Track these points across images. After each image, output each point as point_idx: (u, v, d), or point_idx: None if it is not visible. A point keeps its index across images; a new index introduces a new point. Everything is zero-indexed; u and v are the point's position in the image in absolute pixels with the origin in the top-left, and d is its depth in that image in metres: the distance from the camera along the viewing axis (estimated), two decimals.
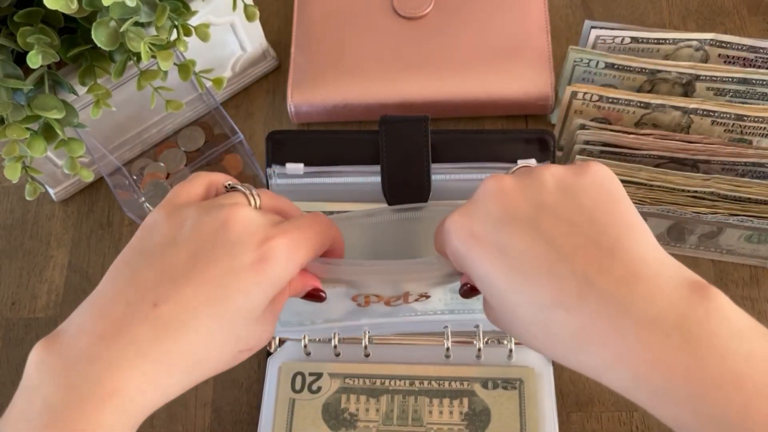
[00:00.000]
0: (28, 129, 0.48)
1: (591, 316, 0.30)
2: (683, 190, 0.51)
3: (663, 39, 0.55)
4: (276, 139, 0.52)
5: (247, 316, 0.35)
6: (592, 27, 0.55)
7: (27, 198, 0.51)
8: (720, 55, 0.56)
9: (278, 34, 0.68)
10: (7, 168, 0.49)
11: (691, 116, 0.54)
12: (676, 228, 0.53)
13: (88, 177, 0.53)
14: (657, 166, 0.53)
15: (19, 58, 0.48)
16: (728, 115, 0.53)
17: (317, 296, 0.41)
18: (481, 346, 0.49)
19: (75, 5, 0.44)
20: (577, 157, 0.53)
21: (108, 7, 0.45)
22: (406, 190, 0.49)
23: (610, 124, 0.55)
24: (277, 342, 0.53)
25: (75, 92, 0.51)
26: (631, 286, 0.30)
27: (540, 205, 0.33)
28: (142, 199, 0.58)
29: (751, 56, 0.55)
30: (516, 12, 0.63)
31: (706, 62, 0.56)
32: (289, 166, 0.51)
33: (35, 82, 0.48)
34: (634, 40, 0.56)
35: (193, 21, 0.52)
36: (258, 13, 0.55)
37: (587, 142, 0.54)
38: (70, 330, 0.33)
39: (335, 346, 0.51)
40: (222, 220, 0.35)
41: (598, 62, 0.55)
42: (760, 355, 0.28)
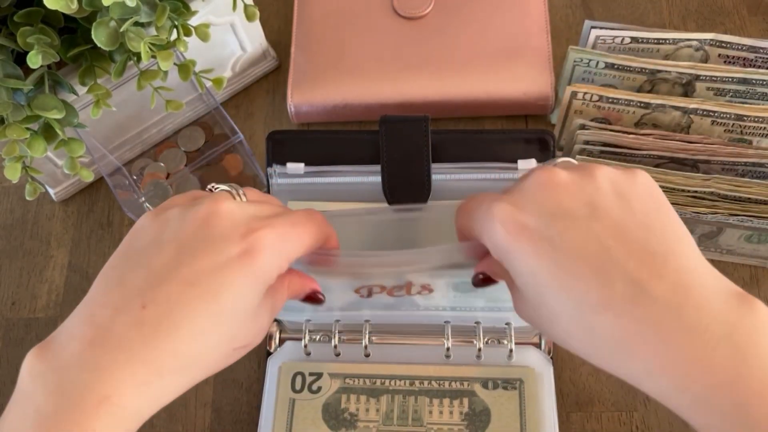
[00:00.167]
0: (28, 129, 0.48)
1: (640, 321, 0.30)
2: (683, 190, 0.51)
3: (663, 39, 0.55)
4: (276, 139, 0.52)
5: (240, 312, 0.34)
6: (592, 27, 0.55)
7: (27, 198, 0.51)
8: (720, 55, 0.56)
9: (278, 34, 0.68)
10: (7, 168, 0.49)
11: (691, 116, 0.54)
12: None
13: (88, 177, 0.53)
14: (657, 166, 0.53)
15: (19, 58, 0.48)
16: (728, 115, 0.53)
17: (315, 299, 0.40)
18: (481, 346, 0.50)
19: (75, 5, 0.44)
20: (577, 157, 0.53)
21: (108, 7, 0.45)
22: (406, 189, 0.49)
23: (610, 124, 0.55)
24: (277, 342, 0.53)
25: (75, 92, 0.51)
26: (683, 294, 0.30)
27: (594, 206, 0.32)
28: (142, 199, 0.58)
29: (751, 56, 0.55)
30: (516, 12, 0.63)
31: (706, 62, 0.56)
32: (290, 165, 0.51)
33: (35, 82, 0.48)
34: (634, 40, 0.56)
35: (193, 21, 0.52)
36: (258, 13, 0.55)
37: (587, 142, 0.54)
38: (61, 337, 0.33)
39: (335, 346, 0.51)
40: (203, 215, 0.34)
41: (598, 62, 0.55)
42: None
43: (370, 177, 0.50)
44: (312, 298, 0.40)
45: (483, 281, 0.39)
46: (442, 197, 0.50)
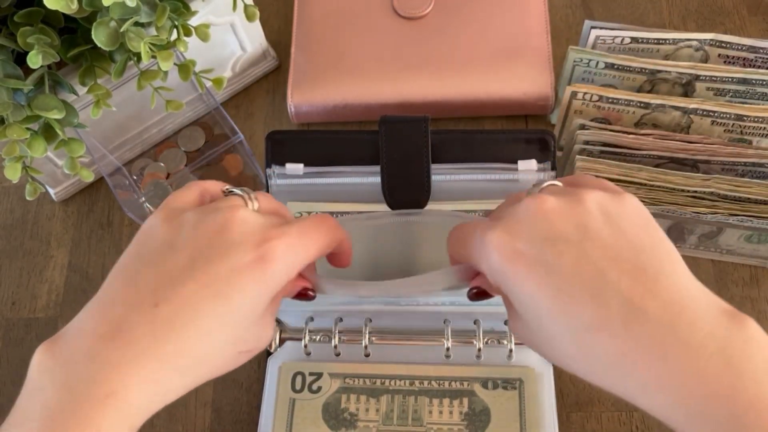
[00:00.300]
0: (28, 129, 0.48)
1: (635, 340, 0.31)
2: (683, 190, 0.51)
3: (663, 39, 0.55)
4: (276, 139, 0.52)
5: (248, 316, 0.35)
6: (592, 27, 0.55)
7: (27, 198, 0.51)
8: (720, 55, 0.56)
9: (278, 34, 0.68)
10: (8, 168, 0.49)
11: (691, 116, 0.54)
12: (676, 228, 0.53)
13: (88, 177, 0.53)
14: (657, 166, 0.53)
15: (20, 58, 0.48)
16: (728, 115, 0.53)
17: (306, 296, 0.41)
18: (481, 346, 0.50)
19: (75, 5, 0.44)
20: (577, 157, 0.53)
21: (108, 7, 0.45)
22: (406, 190, 0.49)
23: (610, 124, 0.55)
24: (277, 342, 0.53)
25: (75, 92, 0.51)
26: (676, 312, 0.31)
27: (585, 229, 0.33)
28: (142, 199, 0.58)
29: (751, 56, 0.55)
30: (516, 12, 0.63)
31: (706, 62, 0.56)
32: (289, 166, 0.51)
33: (35, 82, 0.48)
34: (634, 40, 0.56)
35: (193, 21, 0.52)
36: (258, 13, 0.55)
37: (587, 142, 0.54)
38: (70, 332, 0.33)
39: (335, 346, 0.51)
40: (220, 222, 0.35)
41: (598, 62, 0.55)
42: None
43: (369, 177, 0.50)
44: (303, 295, 0.41)
45: (477, 295, 0.40)
46: (442, 197, 0.50)
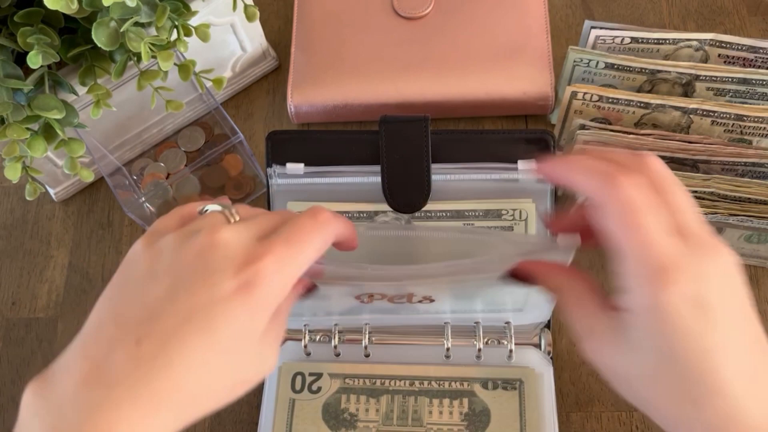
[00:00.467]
0: (28, 129, 0.48)
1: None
2: None
3: (663, 39, 0.55)
4: (276, 139, 0.52)
5: (240, 344, 0.32)
6: (592, 27, 0.55)
7: (27, 198, 0.51)
8: (720, 55, 0.56)
9: (278, 34, 0.68)
10: (8, 168, 0.49)
11: (691, 116, 0.54)
12: None
13: (88, 177, 0.53)
14: None
15: (20, 58, 0.48)
16: (728, 115, 0.53)
17: (311, 290, 0.39)
18: (481, 346, 0.49)
19: (75, 5, 0.44)
20: None
21: (108, 7, 0.45)
22: (406, 190, 0.49)
23: (610, 124, 0.55)
24: None
25: (75, 92, 0.51)
26: None
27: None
28: (142, 199, 0.58)
29: (751, 56, 0.55)
30: (516, 12, 0.63)
31: (706, 62, 0.56)
32: (290, 166, 0.51)
33: (35, 82, 0.48)
34: (634, 40, 0.56)
35: (193, 21, 0.52)
36: (258, 13, 0.55)
37: (587, 142, 0.54)
38: (57, 371, 0.32)
39: (335, 346, 0.51)
40: (198, 247, 0.33)
41: (598, 62, 0.55)
42: None
43: (370, 177, 0.50)
44: (308, 291, 0.39)
45: (518, 278, 0.39)
46: (442, 197, 0.50)
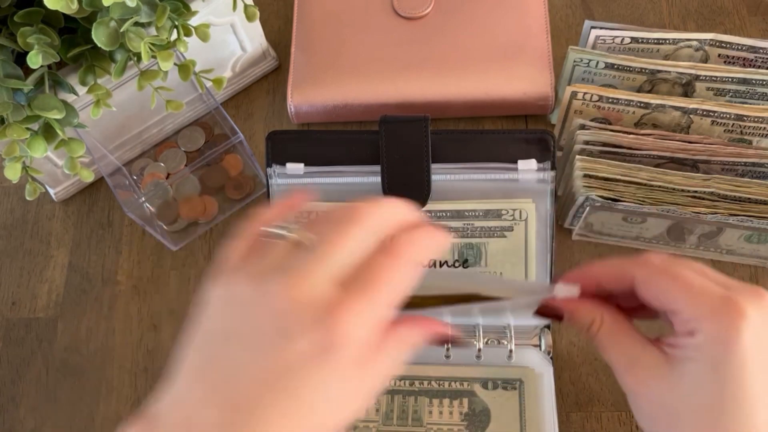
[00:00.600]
0: (28, 129, 0.48)
1: None
2: (683, 190, 0.51)
3: (663, 39, 0.55)
4: (276, 139, 0.52)
5: (327, 403, 0.30)
6: (592, 27, 0.55)
7: (27, 198, 0.51)
8: (720, 55, 0.56)
9: (278, 34, 0.68)
10: (8, 168, 0.49)
11: (691, 116, 0.54)
12: (676, 228, 0.53)
13: (88, 177, 0.53)
14: (657, 166, 0.53)
15: (20, 58, 0.48)
16: (728, 115, 0.53)
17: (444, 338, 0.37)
18: (481, 346, 0.49)
19: (75, 5, 0.44)
20: (577, 157, 0.53)
21: (108, 7, 0.45)
22: (406, 190, 0.49)
23: (610, 124, 0.55)
24: None
25: (75, 92, 0.51)
26: None
27: None
28: (142, 199, 0.58)
29: (751, 56, 0.55)
30: (516, 12, 0.63)
31: (706, 62, 0.56)
32: (290, 166, 0.51)
33: (35, 82, 0.48)
34: (634, 40, 0.56)
35: (193, 21, 0.52)
36: (258, 13, 0.55)
37: (587, 142, 0.54)
38: (161, 422, 0.31)
39: None
40: (274, 303, 0.30)
41: (598, 62, 0.55)
42: None
43: (369, 177, 0.50)
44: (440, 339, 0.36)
45: (550, 315, 0.39)
46: (442, 197, 0.50)
